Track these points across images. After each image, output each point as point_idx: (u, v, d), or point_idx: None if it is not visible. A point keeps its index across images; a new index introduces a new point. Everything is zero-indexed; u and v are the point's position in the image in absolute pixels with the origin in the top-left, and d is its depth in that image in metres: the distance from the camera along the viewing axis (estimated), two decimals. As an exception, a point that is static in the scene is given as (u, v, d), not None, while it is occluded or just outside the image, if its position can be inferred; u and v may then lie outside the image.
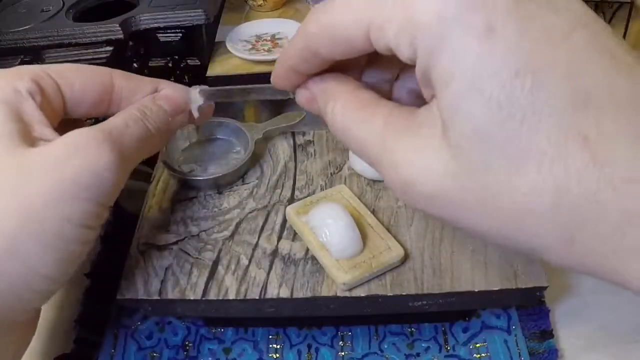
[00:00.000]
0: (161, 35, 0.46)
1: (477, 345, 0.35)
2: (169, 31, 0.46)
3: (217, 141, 0.41)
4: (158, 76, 0.33)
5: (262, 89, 0.28)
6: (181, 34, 0.46)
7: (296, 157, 0.40)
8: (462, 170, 0.18)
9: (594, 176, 0.16)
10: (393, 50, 0.19)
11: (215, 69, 0.48)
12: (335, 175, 0.38)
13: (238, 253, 0.33)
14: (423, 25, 0.18)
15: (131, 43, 0.45)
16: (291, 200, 0.36)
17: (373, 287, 0.30)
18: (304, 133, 0.42)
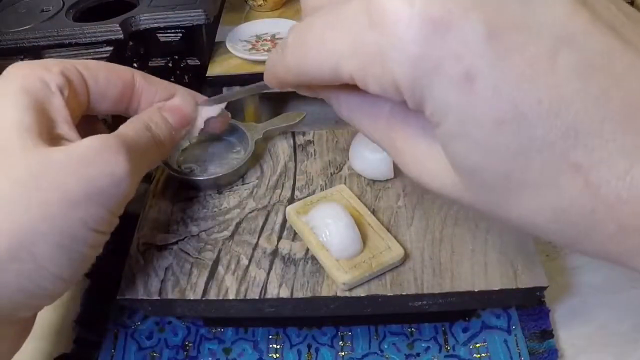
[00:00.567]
0: (161, 35, 0.46)
1: (477, 345, 0.35)
2: (169, 31, 0.46)
3: (217, 141, 0.41)
4: (158, 76, 0.33)
5: (261, 86, 0.28)
6: (181, 34, 0.46)
7: (296, 157, 0.40)
8: (467, 188, 0.19)
9: (589, 198, 0.17)
10: (382, 96, 0.19)
11: (215, 69, 0.48)
12: (335, 175, 0.38)
13: (238, 253, 0.33)
14: (402, 80, 0.17)
15: (131, 43, 0.45)
16: (291, 200, 0.36)
17: (373, 287, 0.30)
18: (304, 133, 0.42)
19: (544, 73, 0.16)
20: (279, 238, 0.34)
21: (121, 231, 0.39)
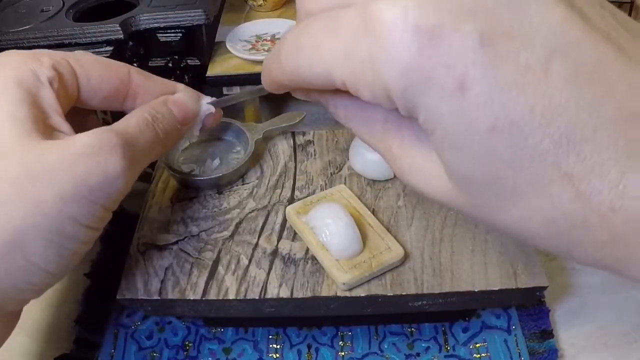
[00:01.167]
0: (161, 35, 0.46)
1: (477, 345, 0.35)
2: (169, 31, 0.46)
3: (217, 141, 0.41)
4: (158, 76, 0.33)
5: (261, 89, 0.28)
6: (181, 34, 0.46)
7: (296, 157, 0.40)
8: (461, 195, 0.20)
9: (581, 208, 0.17)
10: (374, 102, 0.19)
11: (215, 69, 0.48)
12: (335, 175, 0.38)
13: (238, 253, 0.33)
14: (393, 88, 0.17)
15: (131, 43, 0.45)
16: (291, 200, 0.36)
17: (373, 287, 0.30)
18: (304, 133, 0.42)
19: (537, 81, 0.16)
20: (279, 238, 0.34)
21: (121, 231, 0.39)
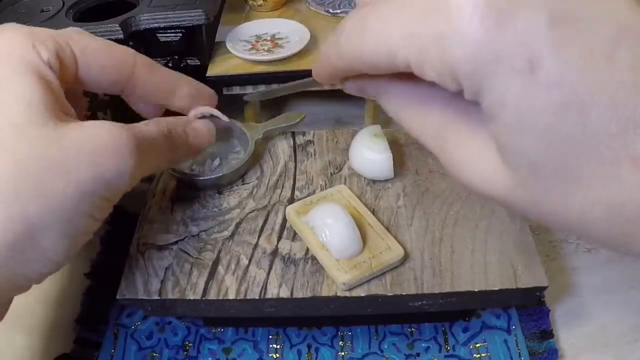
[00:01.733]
0: (161, 35, 0.46)
1: (477, 345, 0.35)
2: (169, 31, 0.46)
3: (217, 141, 0.41)
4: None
5: (308, 83, 0.28)
6: (181, 34, 0.46)
7: (296, 157, 0.40)
8: (520, 189, 0.19)
9: None
10: (438, 83, 0.19)
11: (215, 69, 0.48)
12: (335, 175, 0.38)
13: (238, 253, 0.33)
14: (461, 67, 0.17)
15: (131, 43, 0.45)
16: (291, 200, 0.36)
17: (373, 287, 0.30)
18: (304, 133, 0.42)
19: (605, 63, 0.16)
20: (279, 238, 0.34)
21: (121, 231, 0.39)
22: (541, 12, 0.16)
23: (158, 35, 0.46)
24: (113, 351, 0.35)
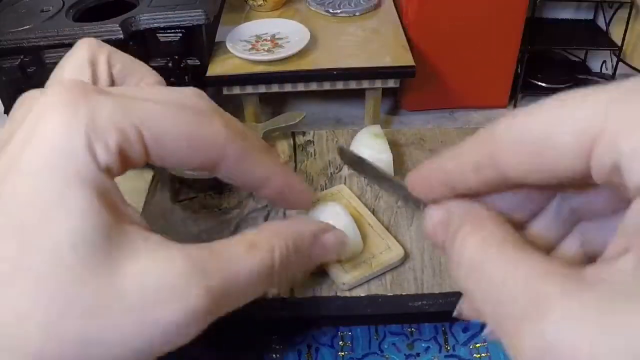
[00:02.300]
0: (161, 35, 0.46)
1: (477, 345, 0.35)
2: (169, 31, 0.46)
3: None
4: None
5: (392, 184, 0.24)
6: (181, 34, 0.46)
7: (296, 157, 0.40)
8: None
9: None
10: (621, 174, 0.14)
11: (215, 69, 0.48)
12: (335, 175, 0.38)
13: (238, 253, 0.33)
14: None
15: (131, 43, 0.45)
16: (291, 200, 0.36)
17: (373, 287, 0.30)
18: (304, 133, 0.42)
19: None
20: (279, 238, 0.34)
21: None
22: None
23: (158, 35, 0.46)
24: (113, 351, 0.35)
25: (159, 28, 0.46)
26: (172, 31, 0.46)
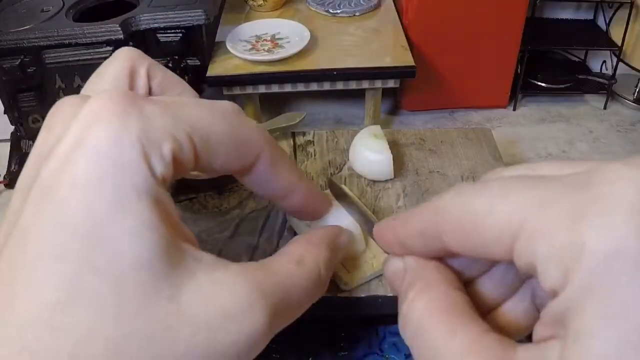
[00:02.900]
0: (161, 35, 0.46)
1: (477, 345, 0.35)
2: (169, 31, 0.46)
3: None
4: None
5: (367, 221, 0.27)
6: (181, 34, 0.46)
7: (296, 157, 0.40)
8: None
9: None
10: (536, 271, 0.15)
11: (215, 69, 0.48)
12: (335, 175, 0.38)
13: (238, 253, 0.33)
14: (592, 257, 0.14)
15: (131, 43, 0.45)
16: (291, 200, 0.36)
17: (373, 287, 0.30)
18: (304, 133, 0.42)
19: None
20: (279, 238, 0.34)
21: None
22: None
23: (158, 35, 0.46)
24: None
25: (159, 28, 0.46)
26: (172, 31, 0.46)
